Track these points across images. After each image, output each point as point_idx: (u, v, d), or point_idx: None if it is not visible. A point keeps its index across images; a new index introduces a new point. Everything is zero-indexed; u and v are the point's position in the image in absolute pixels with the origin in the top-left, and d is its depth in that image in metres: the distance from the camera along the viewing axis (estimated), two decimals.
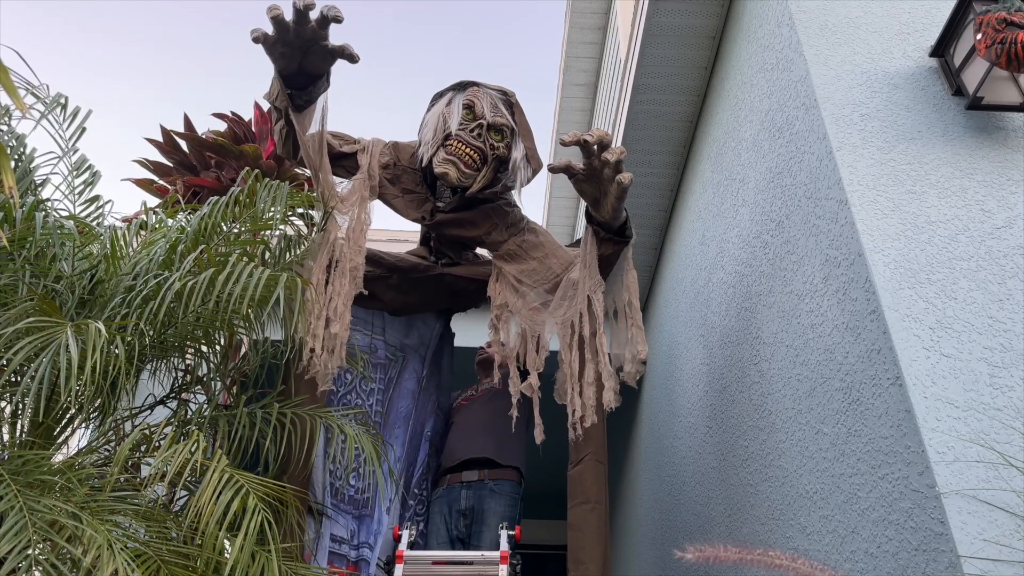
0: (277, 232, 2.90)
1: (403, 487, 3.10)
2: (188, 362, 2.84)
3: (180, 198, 4.08)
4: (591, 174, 2.33)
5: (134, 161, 4.59)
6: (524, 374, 2.81)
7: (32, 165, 2.76)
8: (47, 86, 2.82)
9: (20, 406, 2.29)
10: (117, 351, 2.02)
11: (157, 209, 3.10)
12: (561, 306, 2.72)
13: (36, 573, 1.75)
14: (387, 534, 2.90)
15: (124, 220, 3.82)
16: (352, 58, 2.40)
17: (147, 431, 2.39)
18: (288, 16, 2.29)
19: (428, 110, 3.04)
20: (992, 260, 1.86)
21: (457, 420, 3.39)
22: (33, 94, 2.78)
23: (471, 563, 2.79)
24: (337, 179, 2.98)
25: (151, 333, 2.39)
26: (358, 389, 3.08)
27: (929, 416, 1.61)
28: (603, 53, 6.27)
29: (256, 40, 2.35)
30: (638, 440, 4.69)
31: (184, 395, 2.80)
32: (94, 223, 2.90)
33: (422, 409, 3.27)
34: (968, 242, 1.90)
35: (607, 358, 2.54)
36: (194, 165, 4.53)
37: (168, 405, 2.75)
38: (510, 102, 2.99)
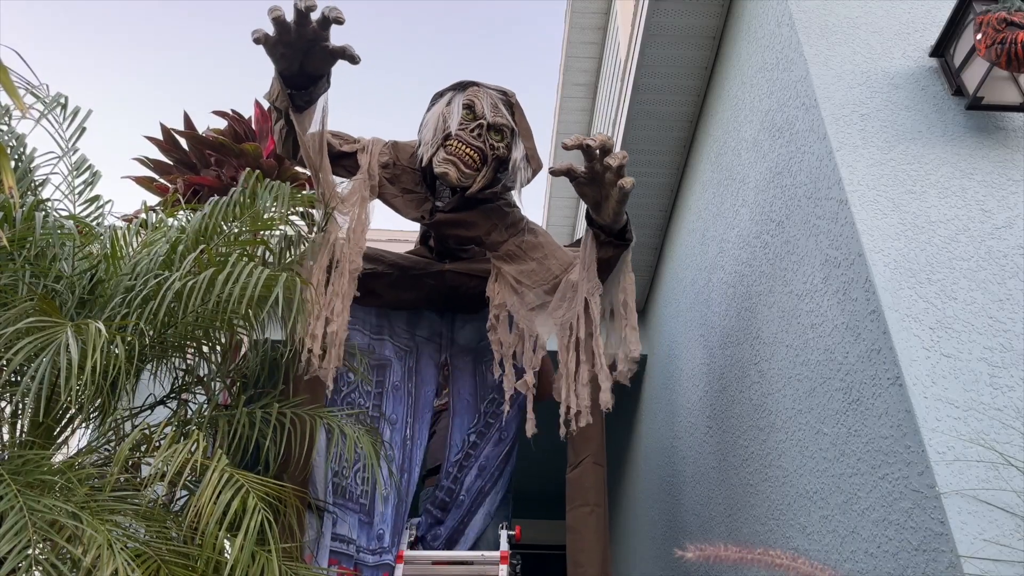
0: (277, 232, 2.90)
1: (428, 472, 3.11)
2: (188, 362, 2.84)
3: (180, 197, 4.08)
4: (593, 178, 2.33)
5: (134, 159, 4.60)
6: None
7: (32, 165, 2.76)
8: (47, 86, 2.82)
9: (20, 406, 2.29)
10: (117, 351, 2.02)
11: (157, 208, 3.10)
12: (560, 307, 2.73)
13: (36, 573, 1.75)
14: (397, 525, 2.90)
15: (124, 219, 3.82)
16: (353, 59, 2.40)
17: (147, 431, 2.39)
18: (289, 17, 2.29)
19: (428, 110, 3.04)
20: (992, 260, 1.86)
21: (441, 426, 3.38)
22: (33, 94, 2.78)
23: (471, 563, 2.79)
24: (337, 179, 2.98)
25: (151, 333, 2.39)
26: (360, 388, 3.08)
27: (929, 416, 1.61)
28: (603, 53, 6.27)
29: (257, 41, 2.36)
30: (638, 440, 4.69)
31: (184, 395, 2.80)
32: (94, 223, 2.90)
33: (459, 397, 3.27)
34: (968, 242, 1.90)
35: (603, 360, 2.55)
36: (194, 163, 4.54)
37: (168, 405, 2.75)
38: (510, 102, 2.99)
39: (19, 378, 2.27)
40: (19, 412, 2.30)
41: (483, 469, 3.04)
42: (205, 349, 2.78)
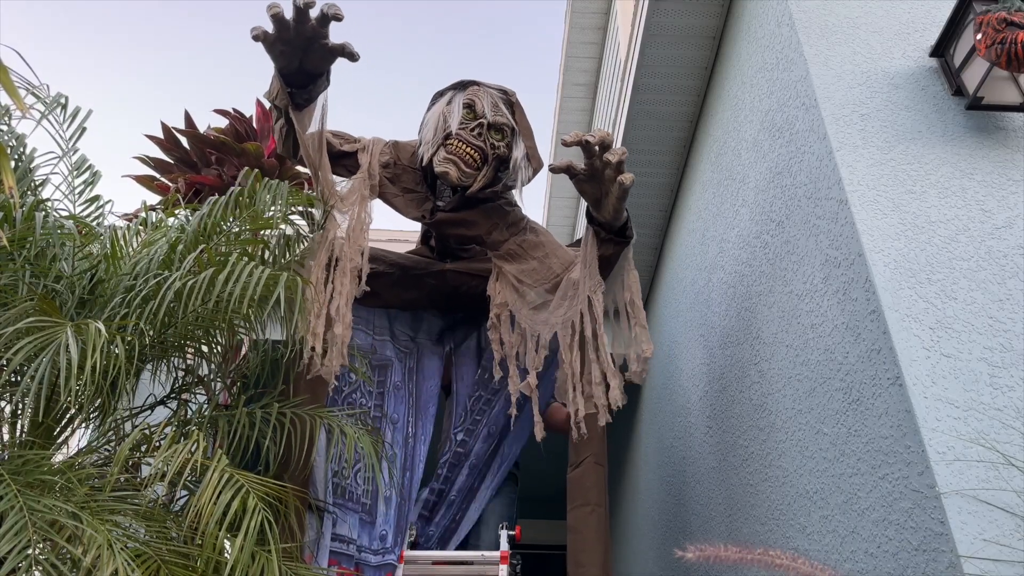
0: (277, 231, 2.90)
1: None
2: (188, 362, 2.84)
3: (180, 196, 4.08)
4: (592, 174, 2.33)
5: (135, 158, 4.60)
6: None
7: (32, 165, 2.76)
8: (47, 86, 2.83)
9: (20, 406, 2.29)
10: (117, 351, 2.02)
11: (157, 207, 3.10)
12: (561, 306, 2.72)
13: (36, 573, 1.75)
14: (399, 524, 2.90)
15: (125, 218, 3.82)
16: (352, 56, 2.40)
17: (147, 431, 2.39)
18: (288, 14, 2.29)
19: (428, 109, 3.04)
20: (992, 260, 1.86)
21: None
22: (33, 94, 2.78)
23: (471, 563, 2.79)
24: (337, 178, 2.98)
25: (151, 333, 2.39)
26: (362, 388, 3.07)
27: (929, 416, 1.61)
28: (603, 53, 6.27)
29: (256, 38, 2.36)
30: (638, 440, 4.69)
31: (184, 395, 2.80)
32: (94, 223, 2.90)
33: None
34: (968, 242, 1.90)
35: (609, 357, 2.55)
36: (195, 162, 4.54)
37: (168, 405, 2.75)
38: (510, 101, 2.99)
39: (19, 378, 2.27)
40: (19, 412, 2.30)
41: (474, 467, 3.03)
42: (205, 349, 2.78)
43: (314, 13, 2.28)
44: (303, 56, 2.41)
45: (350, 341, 2.76)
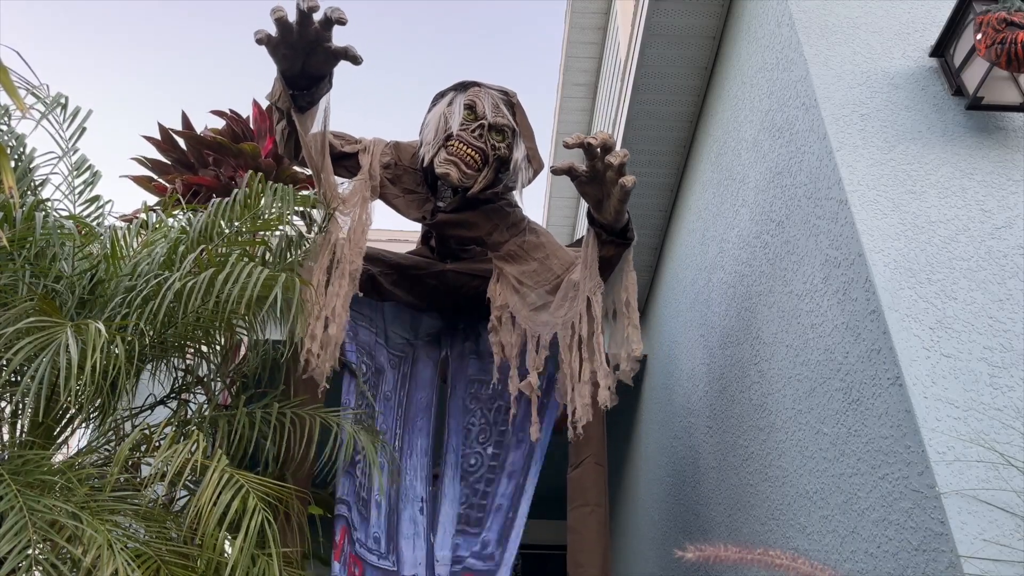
0: (278, 233, 2.90)
1: (430, 479, 3.06)
2: (188, 362, 2.84)
3: (180, 197, 4.08)
4: (594, 176, 2.33)
5: (132, 159, 4.60)
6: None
7: (32, 165, 2.76)
8: (47, 86, 2.82)
9: (20, 406, 2.29)
10: (117, 351, 2.02)
11: (156, 208, 3.10)
12: (562, 307, 2.72)
13: (36, 573, 1.75)
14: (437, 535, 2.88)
15: (124, 219, 3.82)
16: (355, 59, 2.41)
17: (147, 431, 2.39)
18: (291, 17, 2.29)
19: (429, 110, 3.04)
20: (992, 260, 1.86)
21: None
22: (33, 94, 2.78)
23: None
24: (338, 179, 2.98)
25: (151, 333, 2.39)
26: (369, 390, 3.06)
27: (929, 416, 1.61)
28: (603, 53, 6.27)
29: (260, 41, 2.36)
30: (638, 440, 4.69)
31: (184, 395, 2.80)
32: (94, 223, 2.90)
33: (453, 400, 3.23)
34: (968, 242, 1.90)
35: (604, 357, 2.55)
36: (192, 163, 4.54)
37: (168, 405, 2.75)
38: (511, 102, 2.98)
39: (19, 378, 2.27)
40: (19, 412, 2.30)
41: (512, 474, 3.01)
42: (205, 349, 2.78)
43: (317, 17, 2.29)
44: (306, 59, 2.42)
45: (355, 336, 2.75)
